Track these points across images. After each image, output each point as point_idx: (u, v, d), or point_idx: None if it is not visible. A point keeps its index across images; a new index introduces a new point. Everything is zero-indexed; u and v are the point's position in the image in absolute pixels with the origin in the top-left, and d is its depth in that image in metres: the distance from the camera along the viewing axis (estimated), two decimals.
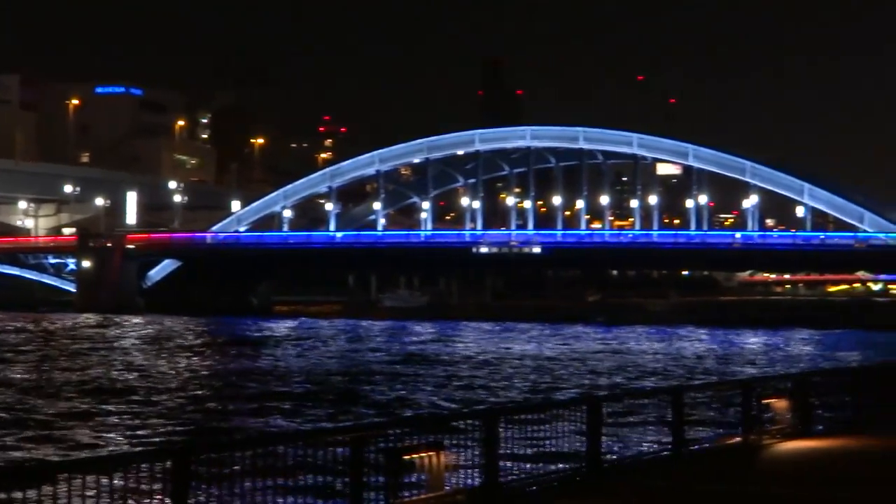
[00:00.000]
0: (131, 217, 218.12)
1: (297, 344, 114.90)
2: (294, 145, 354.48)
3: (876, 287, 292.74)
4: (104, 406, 59.31)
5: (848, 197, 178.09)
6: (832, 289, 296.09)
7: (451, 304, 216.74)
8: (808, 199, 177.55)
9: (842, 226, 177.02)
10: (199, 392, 67.94)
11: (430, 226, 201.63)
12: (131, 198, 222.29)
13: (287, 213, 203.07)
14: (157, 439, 46.63)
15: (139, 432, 49.26)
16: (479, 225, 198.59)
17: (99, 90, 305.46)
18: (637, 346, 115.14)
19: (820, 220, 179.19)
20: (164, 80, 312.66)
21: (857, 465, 25.97)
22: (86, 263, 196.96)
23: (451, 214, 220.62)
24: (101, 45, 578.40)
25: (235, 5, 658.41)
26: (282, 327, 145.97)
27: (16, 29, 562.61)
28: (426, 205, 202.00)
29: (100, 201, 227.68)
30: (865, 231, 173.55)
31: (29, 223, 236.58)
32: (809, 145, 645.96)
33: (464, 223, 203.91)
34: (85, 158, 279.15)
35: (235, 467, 17.33)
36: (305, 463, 18.44)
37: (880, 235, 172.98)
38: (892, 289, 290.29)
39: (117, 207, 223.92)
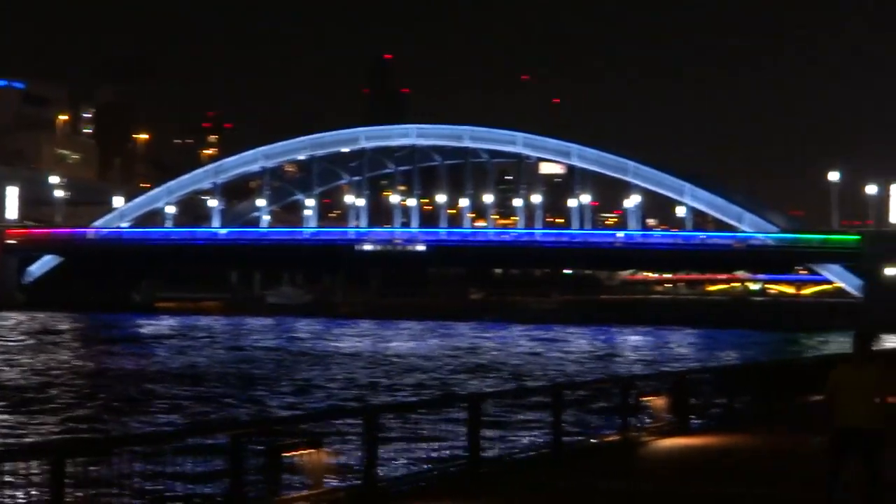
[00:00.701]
0: (12, 212, 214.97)
1: (177, 341, 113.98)
2: (178, 141, 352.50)
3: (754, 287, 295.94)
4: None
5: (728, 197, 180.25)
6: (712, 288, 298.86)
7: (335, 301, 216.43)
8: (690, 199, 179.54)
9: (722, 226, 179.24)
10: (75, 390, 66.88)
11: (314, 223, 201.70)
12: (12, 192, 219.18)
13: (170, 210, 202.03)
14: (31, 438, 45.93)
15: (15, 430, 48.45)
16: (364, 223, 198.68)
17: None
18: (519, 345, 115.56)
19: (700, 220, 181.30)
20: (48, 73, 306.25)
21: (731, 462, 26.30)
22: None
23: (336, 212, 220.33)
24: None
25: None
26: (163, 324, 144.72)
27: None
28: (311, 202, 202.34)
29: None
30: (745, 231, 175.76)
31: None
32: (694, 148, 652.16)
33: (348, 221, 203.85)
34: None
35: (112, 466, 17.16)
36: (184, 462, 18.35)
37: (759, 236, 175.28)
38: (769, 289, 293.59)
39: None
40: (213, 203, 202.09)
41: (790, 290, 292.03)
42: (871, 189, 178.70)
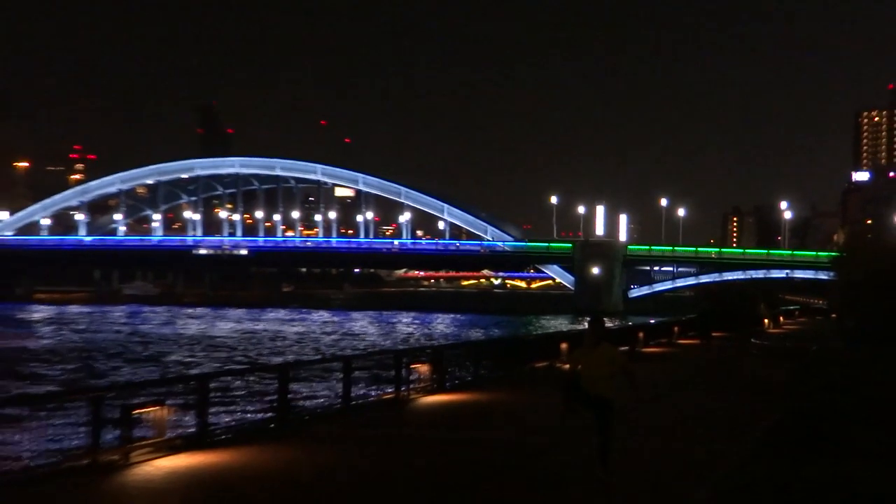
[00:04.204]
0: None
1: (49, 324, 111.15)
2: (51, 168, 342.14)
3: (497, 282, 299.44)
4: None
5: (476, 214, 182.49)
6: (465, 283, 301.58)
7: (178, 293, 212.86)
8: (447, 215, 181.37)
9: (472, 236, 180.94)
10: None
11: (160, 233, 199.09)
12: None
13: (45, 222, 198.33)
14: None
15: None
16: (199, 232, 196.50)
17: None
18: (325, 327, 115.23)
19: (456, 231, 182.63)
20: None
21: (474, 412, 26.57)
22: None
23: (178, 224, 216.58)
24: None
25: None
26: (38, 311, 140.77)
27: None
28: (157, 216, 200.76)
29: None
30: (489, 240, 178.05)
31: None
32: (458, 172, 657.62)
33: (187, 231, 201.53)
34: None
35: (7, 425, 16.73)
36: (57, 418, 18.01)
37: (499, 244, 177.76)
38: (508, 283, 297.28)
39: None
40: (79, 217, 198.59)
41: (523, 284, 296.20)
42: (581, 209, 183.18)
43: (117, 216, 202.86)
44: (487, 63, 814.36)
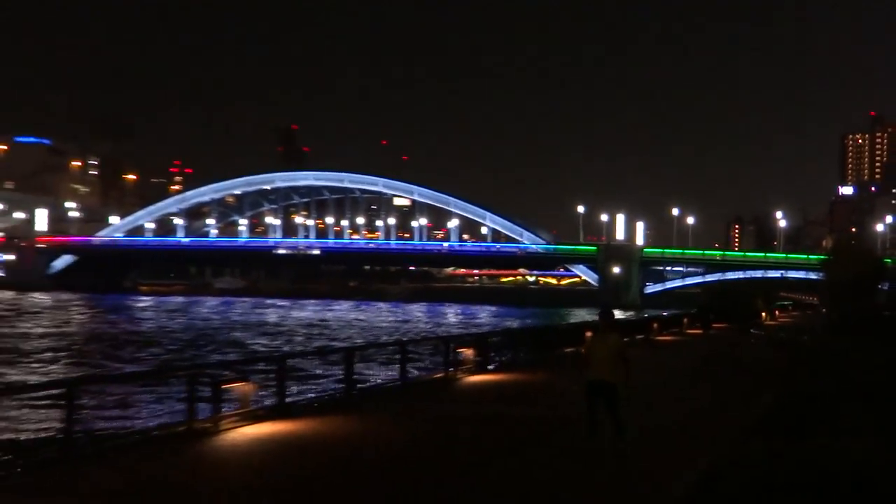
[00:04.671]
0: (42, 226, 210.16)
1: (151, 312, 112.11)
2: (155, 180, 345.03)
3: (531, 279, 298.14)
4: (15, 349, 56.68)
5: (513, 221, 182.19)
6: (504, 280, 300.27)
7: (260, 287, 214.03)
8: (489, 221, 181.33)
9: (510, 239, 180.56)
10: (83, 341, 65.30)
11: (246, 235, 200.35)
12: (42, 213, 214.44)
13: (150, 225, 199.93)
14: (52, 375, 44.72)
15: (37, 370, 47.18)
16: (279, 235, 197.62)
17: (18, 139, 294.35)
18: (385, 317, 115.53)
19: (496, 235, 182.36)
20: (67, 130, 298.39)
21: (512, 390, 26.51)
22: (10, 256, 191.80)
23: (261, 228, 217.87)
24: (17, 104, 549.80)
25: (106, 74, 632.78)
26: (142, 301, 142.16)
27: None
28: (243, 221, 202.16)
29: (20, 215, 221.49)
30: (524, 243, 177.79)
31: None
32: (495, 182, 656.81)
33: (268, 234, 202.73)
34: (9, 185, 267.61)
35: (116, 395, 16.94)
36: (159, 392, 18.19)
37: (532, 246, 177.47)
38: (541, 280, 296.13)
39: (33, 220, 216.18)
40: (178, 221, 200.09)
41: (554, 281, 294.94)
42: (604, 217, 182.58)
43: (210, 221, 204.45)
44: (522, 90, 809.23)
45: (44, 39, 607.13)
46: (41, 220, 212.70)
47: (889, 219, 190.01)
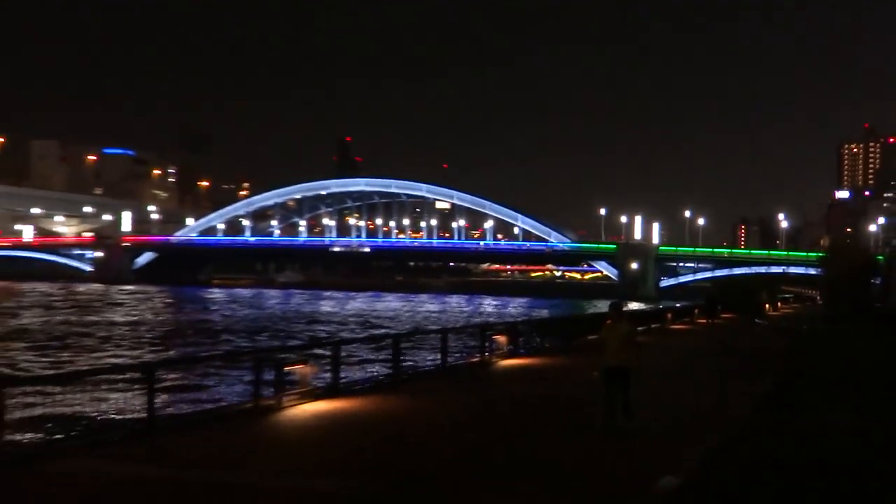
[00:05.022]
0: (127, 227, 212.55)
1: (223, 303, 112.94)
2: (225, 186, 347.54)
3: (558, 274, 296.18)
4: (104, 335, 57.15)
5: (542, 222, 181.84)
6: (533, 275, 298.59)
7: (317, 280, 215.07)
8: (520, 223, 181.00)
9: (539, 238, 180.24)
10: (162, 328, 65.77)
11: (305, 235, 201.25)
12: (126, 216, 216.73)
13: (221, 226, 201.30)
14: (130, 359, 45.03)
15: (122, 353, 47.58)
16: (334, 235, 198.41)
17: (106, 151, 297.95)
18: (427, 307, 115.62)
19: (527, 235, 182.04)
20: (148, 142, 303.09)
21: (540, 371, 26.54)
22: (99, 253, 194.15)
23: (318, 228, 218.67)
24: (106, 118, 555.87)
25: (188, 91, 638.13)
26: (214, 293, 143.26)
27: (55, 107, 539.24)
28: (303, 223, 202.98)
29: (107, 217, 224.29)
30: (552, 242, 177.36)
31: (62, 229, 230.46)
32: (525, 185, 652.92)
33: (324, 234, 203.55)
34: (98, 191, 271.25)
35: (193, 376, 17.12)
36: (228, 373, 18.36)
37: (559, 245, 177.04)
38: (566, 275, 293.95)
39: (119, 221, 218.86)
40: (245, 223, 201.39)
41: (578, 276, 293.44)
42: (623, 218, 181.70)
43: (273, 222, 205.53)
44: (555, 112, 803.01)
45: (124, 57, 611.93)
46: (126, 221, 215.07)
47: (881, 220, 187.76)
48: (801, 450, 12.17)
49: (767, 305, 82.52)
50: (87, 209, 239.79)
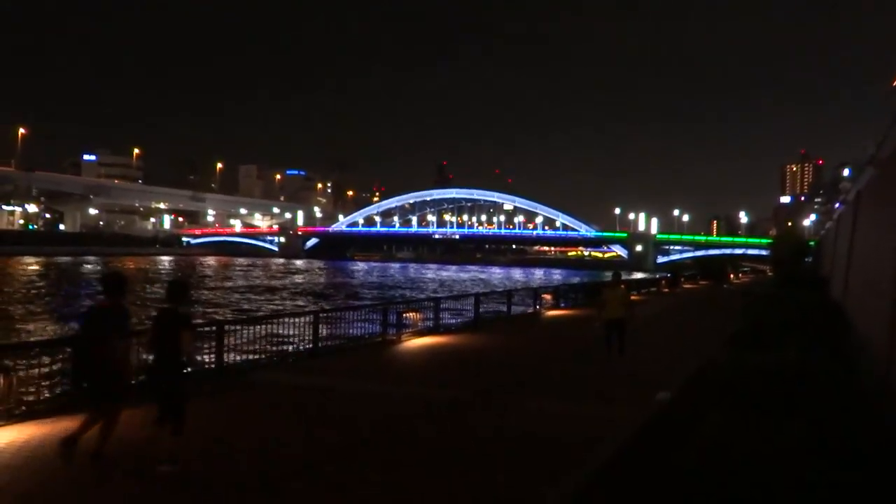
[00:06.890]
0: (300, 221, 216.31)
1: (362, 273, 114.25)
2: (364, 194, 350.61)
3: (586, 254, 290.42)
4: (288, 291, 58.01)
5: (577, 218, 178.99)
6: (570, 254, 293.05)
7: (424, 257, 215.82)
8: (561, 218, 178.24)
9: (573, 229, 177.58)
10: (316, 289, 66.28)
11: (415, 227, 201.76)
12: (300, 214, 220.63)
13: (360, 221, 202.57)
14: (304, 307, 45.19)
15: (298, 302, 47.79)
16: (435, 227, 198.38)
17: (289, 172, 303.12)
18: (497, 275, 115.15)
19: (565, 226, 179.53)
20: (313, 164, 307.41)
21: (576, 320, 26.03)
22: (282, 239, 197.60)
23: (424, 222, 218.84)
24: (289, 147, 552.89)
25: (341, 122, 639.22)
26: (356, 266, 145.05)
27: (255, 139, 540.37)
28: (414, 219, 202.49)
29: (288, 215, 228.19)
30: (582, 231, 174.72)
31: (259, 223, 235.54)
32: (563, 189, 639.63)
33: (429, 226, 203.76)
34: (282, 199, 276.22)
35: (343, 320, 17.34)
36: (366, 318, 18.53)
37: (587, 233, 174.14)
38: (592, 254, 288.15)
39: (295, 218, 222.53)
40: (377, 219, 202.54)
41: (600, 255, 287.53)
42: (631, 215, 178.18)
43: (395, 218, 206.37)
44: (588, 120, 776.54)
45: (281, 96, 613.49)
46: (300, 218, 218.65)
47: (812, 217, 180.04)
48: (760, 372, 11.78)
49: (732, 276, 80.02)
50: (275, 210, 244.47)
